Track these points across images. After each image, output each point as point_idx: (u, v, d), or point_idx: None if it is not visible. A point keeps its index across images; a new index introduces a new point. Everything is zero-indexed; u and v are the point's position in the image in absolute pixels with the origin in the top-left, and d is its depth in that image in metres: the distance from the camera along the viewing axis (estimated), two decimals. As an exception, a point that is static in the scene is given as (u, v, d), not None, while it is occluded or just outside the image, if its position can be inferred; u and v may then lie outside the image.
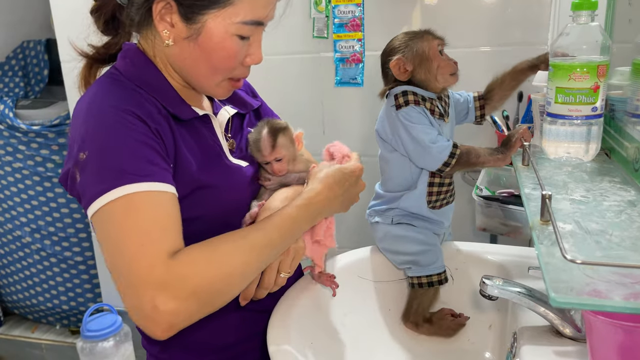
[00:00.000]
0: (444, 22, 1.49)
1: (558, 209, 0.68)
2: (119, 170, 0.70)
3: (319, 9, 1.57)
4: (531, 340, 0.76)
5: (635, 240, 0.58)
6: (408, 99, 0.96)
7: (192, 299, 0.67)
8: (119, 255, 0.68)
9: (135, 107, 0.75)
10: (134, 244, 0.67)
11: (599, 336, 0.58)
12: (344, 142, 1.73)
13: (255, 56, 0.81)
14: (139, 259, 0.67)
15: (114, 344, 1.89)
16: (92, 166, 0.71)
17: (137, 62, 0.81)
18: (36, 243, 2.23)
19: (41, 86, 2.36)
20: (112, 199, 0.68)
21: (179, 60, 0.80)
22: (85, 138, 0.72)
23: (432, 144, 0.94)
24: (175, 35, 0.77)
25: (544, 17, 1.44)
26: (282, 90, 1.67)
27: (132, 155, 0.71)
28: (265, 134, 0.89)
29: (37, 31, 2.41)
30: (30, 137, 2.12)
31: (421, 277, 1.00)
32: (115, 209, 0.69)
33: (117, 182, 0.69)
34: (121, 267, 0.68)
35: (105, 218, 0.69)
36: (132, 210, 0.68)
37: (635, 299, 0.47)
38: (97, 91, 0.78)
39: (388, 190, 1.04)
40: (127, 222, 0.68)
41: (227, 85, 0.83)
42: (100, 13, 0.85)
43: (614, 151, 0.87)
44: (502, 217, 1.35)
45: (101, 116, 0.73)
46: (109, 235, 0.70)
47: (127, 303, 0.67)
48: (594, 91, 0.82)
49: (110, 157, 0.70)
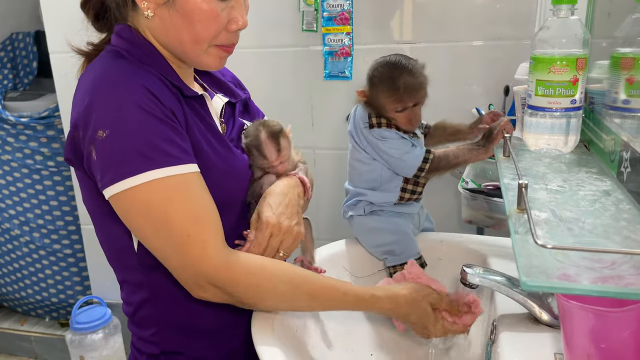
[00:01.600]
0: (434, 17, 1.51)
1: (535, 198, 0.69)
2: (146, 152, 0.72)
3: (308, 3, 1.57)
4: (510, 328, 0.78)
5: (606, 228, 0.60)
6: (381, 121, 0.99)
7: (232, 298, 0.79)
8: (166, 239, 0.75)
9: (148, 84, 0.76)
10: (182, 229, 0.74)
11: (572, 321, 0.60)
12: (332, 136, 1.75)
13: (238, 20, 0.80)
14: (191, 246, 0.75)
15: (103, 336, 1.90)
16: (115, 146, 0.72)
17: (132, 40, 0.82)
18: (25, 236, 2.23)
19: (30, 78, 2.35)
20: (142, 182, 0.72)
21: (163, 33, 0.80)
22: (103, 116, 0.73)
23: (405, 154, 0.99)
24: (153, 4, 0.78)
25: (532, 11, 1.45)
26: (271, 83, 1.67)
27: (157, 136, 0.73)
28: (267, 139, 0.90)
29: (26, 23, 2.39)
30: (19, 129, 2.11)
31: (396, 266, 1.03)
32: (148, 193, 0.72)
33: (146, 165, 0.72)
34: (171, 251, 0.76)
35: (136, 201, 0.73)
36: (169, 195, 0.73)
37: (602, 283, 0.49)
38: (105, 67, 0.78)
39: (356, 186, 1.07)
40: (166, 206, 0.73)
41: (215, 52, 0.82)
42: (89, 6, 0.85)
43: (593, 143, 0.89)
44: (487, 210, 1.37)
45: (117, 93, 0.74)
46: (148, 218, 0.74)
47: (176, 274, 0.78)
48: (573, 84, 0.84)
49: (135, 138, 0.72)
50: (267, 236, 0.85)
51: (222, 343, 0.90)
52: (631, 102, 0.77)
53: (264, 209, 0.86)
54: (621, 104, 0.79)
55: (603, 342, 0.58)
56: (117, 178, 0.72)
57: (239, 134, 0.94)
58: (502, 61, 1.48)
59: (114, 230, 0.83)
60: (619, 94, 0.78)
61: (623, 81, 0.77)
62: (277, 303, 0.83)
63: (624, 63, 0.77)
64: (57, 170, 2.15)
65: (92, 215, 0.86)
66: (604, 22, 0.92)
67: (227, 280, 0.77)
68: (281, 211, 0.86)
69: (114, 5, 0.81)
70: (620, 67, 0.78)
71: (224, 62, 0.86)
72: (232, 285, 0.78)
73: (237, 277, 0.78)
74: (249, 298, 0.80)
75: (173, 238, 0.75)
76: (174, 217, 0.74)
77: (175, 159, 0.74)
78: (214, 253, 0.76)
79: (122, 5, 0.81)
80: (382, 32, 1.55)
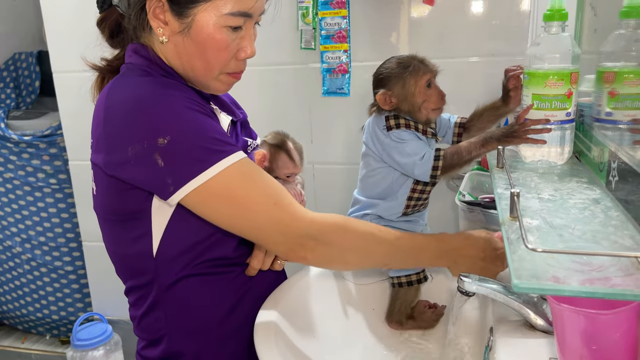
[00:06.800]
0: (430, 34, 1.54)
1: (527, 207, 0.72)
2: (211, 145, 0.77)
3: (306, 21, 1.61)
4: (506, 334, 0.80)
5: (595, 234, 0.62)
6: (399, 122, 1.00)
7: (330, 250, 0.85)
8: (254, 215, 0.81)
9: (182, 91, 0.82)
10: (267, 202, 0.81)
11: (564, 324, 0.62)
12: (331, 150, 1.77)
13: (247, 49, 0.85)
14: (281, 211, 0.81)
15: (104, 353, 1.90)
16: (180, 148, 0.76)
17: (151, 58, 0.85)
18: (26, 253, 2.24)
19: (33, 97, 2.39)
20: (216, 173, 0.77)
21: (176, 57, 0.84)
22: (157, 124, 0.76)
23: (421, 157, 0.98)
24: (169, 31, 0.82)
25: (524, 28, 1.49)
26: (271, 100, 1.71)
27: (213, 130, 0.79)
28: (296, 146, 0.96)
29: (29, 43, 2.44)
30: (22, 148, 2.14)
31: (400, 277, 1.03)
32: (224, 181, 0.78)
33: (216, 156, 0.77)
34: (264, 224, 0.81)
35: (215, 191, 0.78)
36: (243, 177, 0.80)
37: (590, 284, 0.51)
38: (138, 84, 0.81)
39: (367, 196, 1.07)
40: (245, 187, 0.80)
41: (226, 80, 0.87)
42: (106, 24, 0.90)
43: (583, 154, 0.92)
44: (484, 222, 1.39)
45: (162, 102, 0.78)
46: (231, 203, 0.80)
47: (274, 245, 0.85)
48: (567, 97, 0.87)
49: (195, 136, 0.77)
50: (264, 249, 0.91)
51: (228, 347, 0.92)
52: (614, 115, 0.80)
53: None
54: (604, 116, 0.82)
55: (594, 344, 0.60)
56: (192, 175, 0.76)
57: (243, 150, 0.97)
58: (497, 77, 1.50)
59: (132, 236, 0.85)
60: (602, 106, 0.81)
61: (606, 94, 0.80)
62: (373, 246, 0.88)
63: (607, 77, 0.80)
64: (59, 188, 2.17)
65: (105, 222, 0.88)
66: (591, 38, 0.96)
67: (323, 230, 0.84)
68: None
69: (131, 27, 0.85)
70: (604, 81, 0.81)
71: (230, 87, 0.91)
72: (329, 233, 0.84)
73: (330, 227, 0.84)
74: (342, 244, 0.86)
75: (263, 212, 0.81)
76: (255, 195, 0.81)
77: (234, 147, 0.80)
78: (302, 211, 0.83)
79: (138, 29, 0.85)
80: (378, 49, 1.59)
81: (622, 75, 0.78)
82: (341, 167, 1.71)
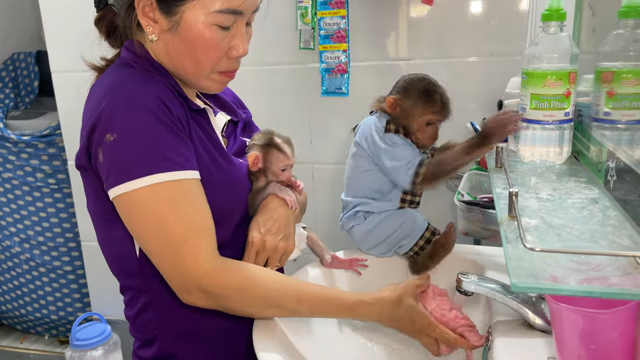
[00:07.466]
0: (429, 34, 1.55)
1: (526, 206, 0.72)
2: (151, 156, 0.75)
3: (305, 21, 1.61)
4: (505, 333, 0.80)
5: (593, 233, 0.62)
6: (398, 129, 1.02)
7: (218, 304, 0.81)
8: (162, 242, 0.77)
9: (157, 90, 0.79)
10: (178, 234, 0.76)
11: (562, 323, 0.62)
12: (330, 150, 1.78)
13: (239, 48, 0.83)
14: (184, 251, 0.76)
15: (103, 353, 1.90)
16: (121, 149, 0.75)
17: (140, 52, 0.85)
18: (25, 253, 2.24)
19: (31, 97, 2.39)
20: (145, 185, 0.74)
21: (166, 56, 0.84)
22: (111, 120, 0.76)
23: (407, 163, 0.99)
24: (158, 30, 0.81)
25: (522, 28, 1.49)
26: (270, 100, 1.71)
27: (162, 142, 0.76)
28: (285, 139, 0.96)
29: (28, 43, 2.44)
30: (20, 148, 2.14)
31: (413, 247, 1.04)
32: (149, 196, 0.75)
33: (149, 168, 0.74)
34: (165, 254, 0.78)
35: (137, 203, 0.76)
36: (170, 200, 0.76)
37: (588, 283, 0.51)
38: (115, 77, 0.82)
39: (356, 196, 1.09)
40: (166, 210, 0.76)
41: (218, 78, 0.86)
42: (103, 23, 0.90)
43: (582, 154, 0.92)
44: (483, 222, 1.39)
45: (126, 98, 0.77)
46: (147, 220, 0.77)
47: (166, 277, 0.80)
48: (566, 97, 0.87)
49: (140, 142, 0.75)
50: (253, 255, 0.89)
51: (222, 349, 0.92)
52: (612, 114, 0.80)
53: (252, 228, 0.90)
54: (603, 115, 0.82)
55: (592, 343, 0.60)
56: (121, 180, 0.75)
57: (239, 151, 0.97)
58: (495, 76, 1.51)
59: (116, 236, 0.85)
60: (600, 106, 0.81)
61: (604, 94, 0.80)
62: (263, 309, 0.85)
63: (605, 76, 0.80)
64: (57, 188, 2.17)
65: (95, 221, 0.88)
66: (589, 38, 0.96)
67: (214, 284, 0.79)
68: (268, 228, 0.90)
69: (122, 25, 0.85)
70: (602, 81, 0.81)
71: (224, 86, 0.89)
72: (219, 290, 0.80)
73: (225, 282, 0.80)
74: (234, 302, 0.82)
75: (168, 242, 0.77)
76: (171, 222, 0.77)
77: (178, 165, 0.77)
78: (205, 259, 0.78)
79: (128, 27, 0.85)
80: (377, 49, 1.60)
81: (620, 75, 0.78)
82: (340, 166, 1.69)
